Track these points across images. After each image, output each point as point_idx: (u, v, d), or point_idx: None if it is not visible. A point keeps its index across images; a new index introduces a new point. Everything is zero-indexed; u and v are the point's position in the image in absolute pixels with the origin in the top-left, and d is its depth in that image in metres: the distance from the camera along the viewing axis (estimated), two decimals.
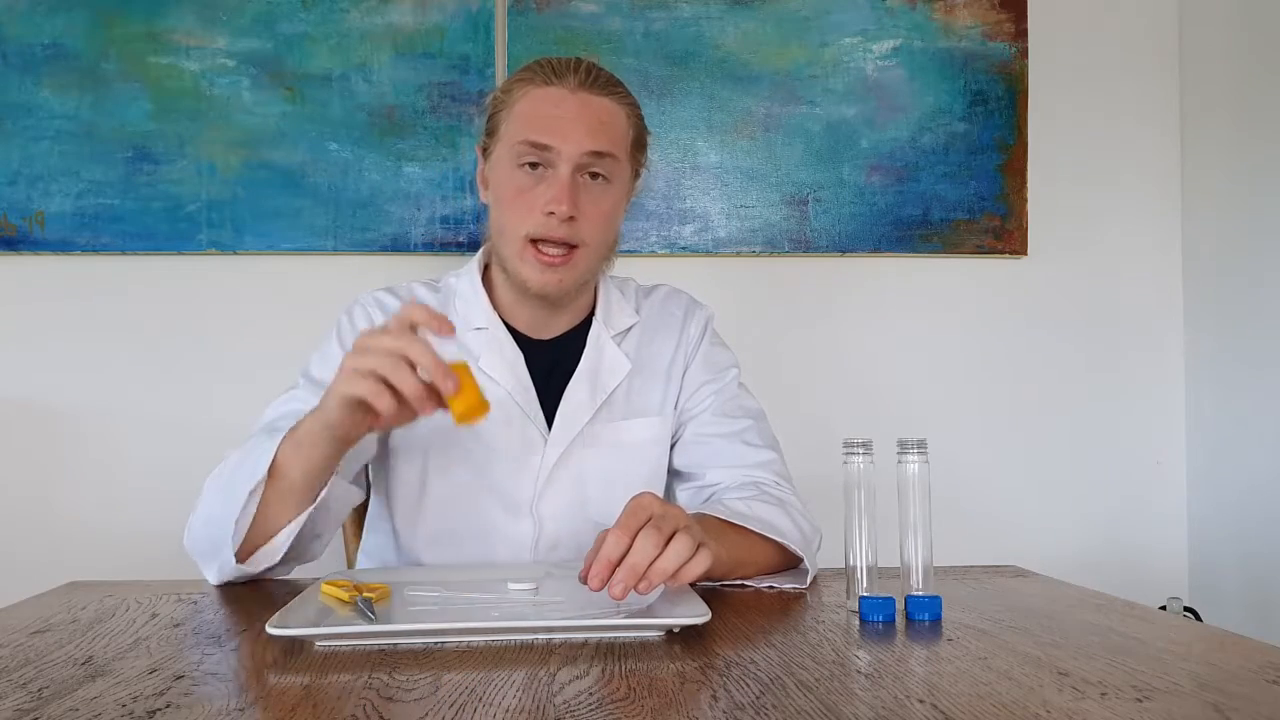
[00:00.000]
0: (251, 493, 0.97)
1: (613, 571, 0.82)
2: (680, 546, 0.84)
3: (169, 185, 1.89)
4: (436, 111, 1.93)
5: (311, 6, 1.91)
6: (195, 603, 0.96)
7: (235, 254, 1.91)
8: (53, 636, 0.82)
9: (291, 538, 1.00)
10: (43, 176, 1.87)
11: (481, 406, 0.88)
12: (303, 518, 0.99)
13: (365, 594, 0.87)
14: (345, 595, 0.88)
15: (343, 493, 1.06)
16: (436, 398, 0.89)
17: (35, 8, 1.87)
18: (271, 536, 1.00)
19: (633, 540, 0.83)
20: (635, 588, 0.82)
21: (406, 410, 0.90)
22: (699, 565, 0.86)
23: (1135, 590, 1.90)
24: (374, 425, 0.96)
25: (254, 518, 0.98)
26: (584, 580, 0.83)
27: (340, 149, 1.91)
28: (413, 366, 0.88)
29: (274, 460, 0.97)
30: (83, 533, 1.87)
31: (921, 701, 0.63)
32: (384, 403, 0.88)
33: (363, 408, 0.91)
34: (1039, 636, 0.80)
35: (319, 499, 1.00)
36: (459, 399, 0.87)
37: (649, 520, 0.85)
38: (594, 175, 1.14)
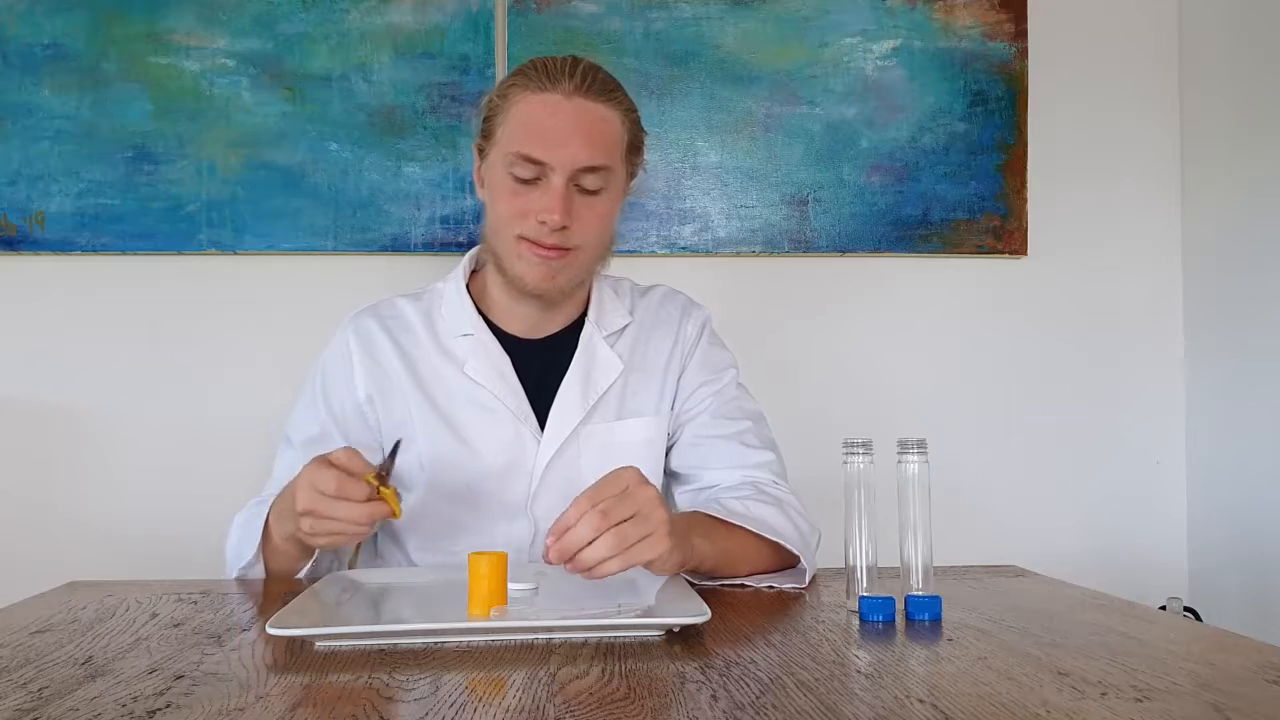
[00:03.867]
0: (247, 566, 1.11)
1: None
2: (601, 547, 0.86)
3: (169, 185, 1.89)
4: (436, 111, 1.93)
5: (311, 6, 1.91)
6: (195, 603, 0.96)
7: (235, 254, 1.91)
8: (53, 636, 0.82)
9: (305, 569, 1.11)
10: (43, 176, 1.87)
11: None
12: (308, 565, 1.11)
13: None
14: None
15: None
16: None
17: (35, 8, 1.87)
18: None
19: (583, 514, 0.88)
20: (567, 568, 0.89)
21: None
22: (614, 565, 0.87)
23: (1135, 590, 1.90)
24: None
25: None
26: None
27: (340, 149, 1.91)
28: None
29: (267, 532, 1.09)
30: (83, 533, 1.87)
31: (921, 701, 0.63)
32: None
33: None
34: (1039, 636, 0.80)
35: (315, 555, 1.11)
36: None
37: (609, 496, 0.88)
38: (588, 184, 1.13)
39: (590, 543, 0.86)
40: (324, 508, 0.93)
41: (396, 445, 1.00)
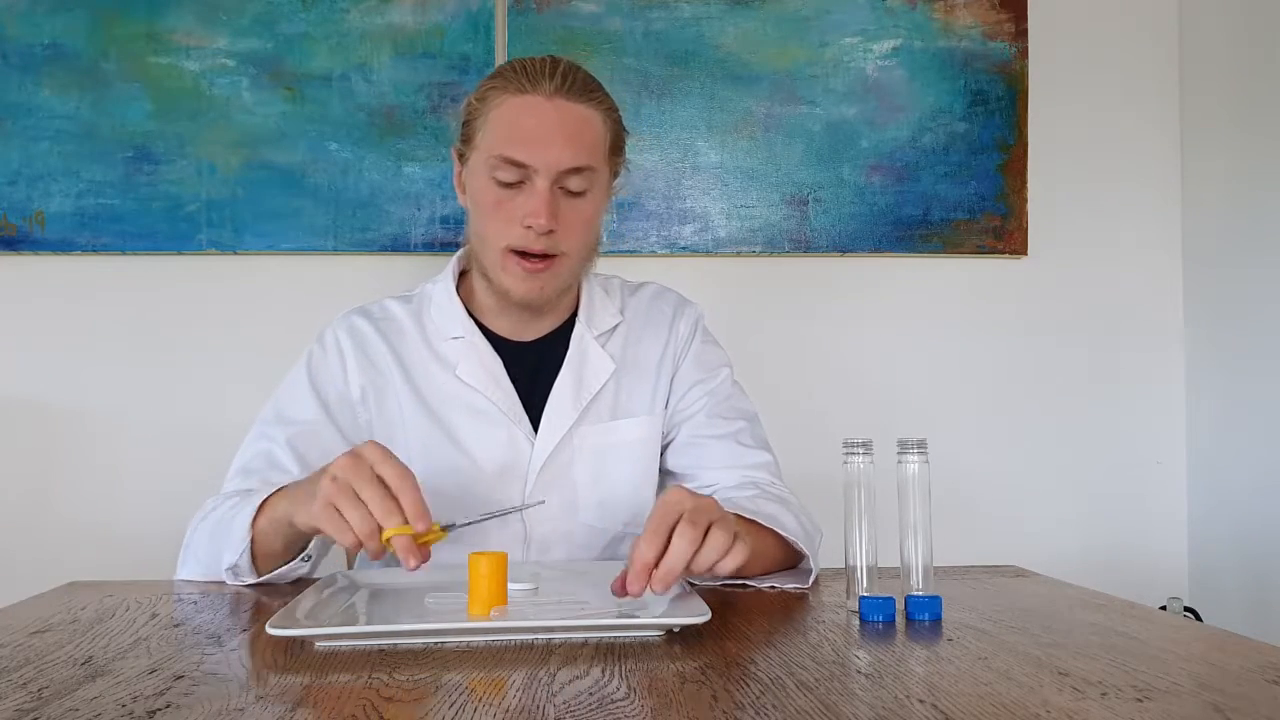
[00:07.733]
0: (230, 568, 1.02)
1: (649, 574, 0.82)
2: (717, 541, 0.84)
3: (169, 185, 1.89)
4: (436, 111, 1.93)
5: (311, 6, 1.91)
6: (195, 603, 0.96)
7: (235, 254, 1.91)
8: (53, 636, 0.82)
9: (290, 567, 1.04)
10: (43, 176, 1.87)
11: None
12: (294, 563, 1.04)
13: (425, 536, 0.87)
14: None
15: None
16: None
17: (35, 8, 1.87)
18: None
19: (667, 541, 0.83)
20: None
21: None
22: (736, 558, 0.86)
23: (1135, 590, 1.90)
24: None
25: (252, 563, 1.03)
26: (619, 592, 0.83)
27: (340, 149, 1.91)
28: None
29: (255, 528, 1.01)
30: (83, 533, 1.87)
31: (921, 701, 0.63)
32: (348, 540, 0.88)
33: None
34: (1039, 636, 0.80)
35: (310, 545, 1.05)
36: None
37: (680, 517, 0.84)
38: (572, 185, 1.13)
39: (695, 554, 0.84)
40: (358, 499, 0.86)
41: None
